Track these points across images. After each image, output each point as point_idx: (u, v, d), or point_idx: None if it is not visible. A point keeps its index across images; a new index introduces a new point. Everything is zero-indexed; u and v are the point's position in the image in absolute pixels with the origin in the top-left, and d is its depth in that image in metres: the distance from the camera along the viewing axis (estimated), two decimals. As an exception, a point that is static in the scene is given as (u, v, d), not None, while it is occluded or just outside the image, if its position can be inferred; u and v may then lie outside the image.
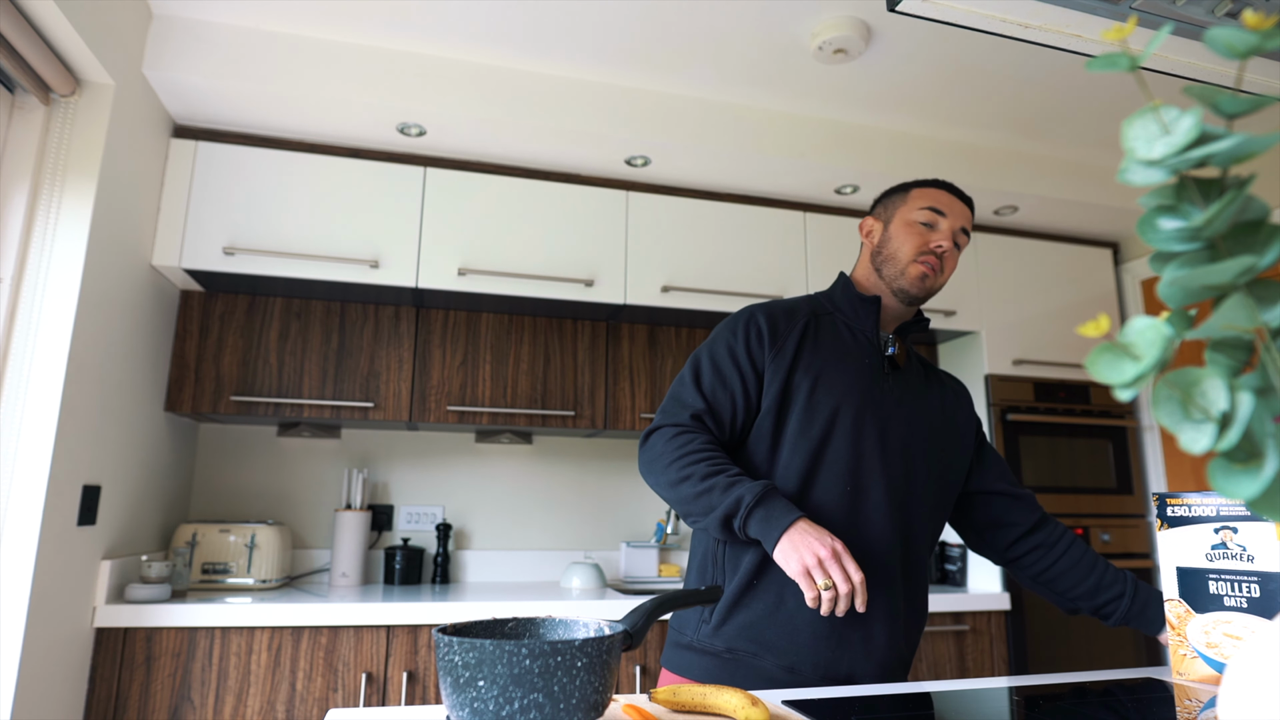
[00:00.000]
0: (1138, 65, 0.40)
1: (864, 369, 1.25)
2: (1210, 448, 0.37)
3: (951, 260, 1.29)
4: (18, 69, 1.57)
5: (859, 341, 1.28)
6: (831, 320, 1.30)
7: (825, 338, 1.27)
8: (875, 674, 1.19)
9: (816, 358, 1.24)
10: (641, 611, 0.83)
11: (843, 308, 1.31)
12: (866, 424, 1.22)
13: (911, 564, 1.24)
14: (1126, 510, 2.74)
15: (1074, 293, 2.89)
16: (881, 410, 1.24)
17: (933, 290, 1.29)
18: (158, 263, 2.09)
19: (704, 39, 2.07)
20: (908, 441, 1.25)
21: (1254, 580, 1.04)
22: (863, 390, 1.23)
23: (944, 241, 1.26)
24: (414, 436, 2.67)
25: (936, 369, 1.41)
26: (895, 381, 1.28)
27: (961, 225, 1.29)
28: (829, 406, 1.21)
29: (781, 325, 1.25)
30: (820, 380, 1.22)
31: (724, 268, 2.51)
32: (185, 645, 1.85)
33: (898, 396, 1.27)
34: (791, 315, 1.27)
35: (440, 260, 2.28)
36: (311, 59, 2.06)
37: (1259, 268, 0.37)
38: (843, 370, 1.24)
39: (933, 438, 1.29)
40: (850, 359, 1.25)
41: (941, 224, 1.28)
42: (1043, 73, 2.21)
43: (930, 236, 1.27)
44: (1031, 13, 1.33)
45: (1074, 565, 1.30)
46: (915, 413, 1.28)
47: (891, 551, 1.20)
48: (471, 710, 0.67)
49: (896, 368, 1.30)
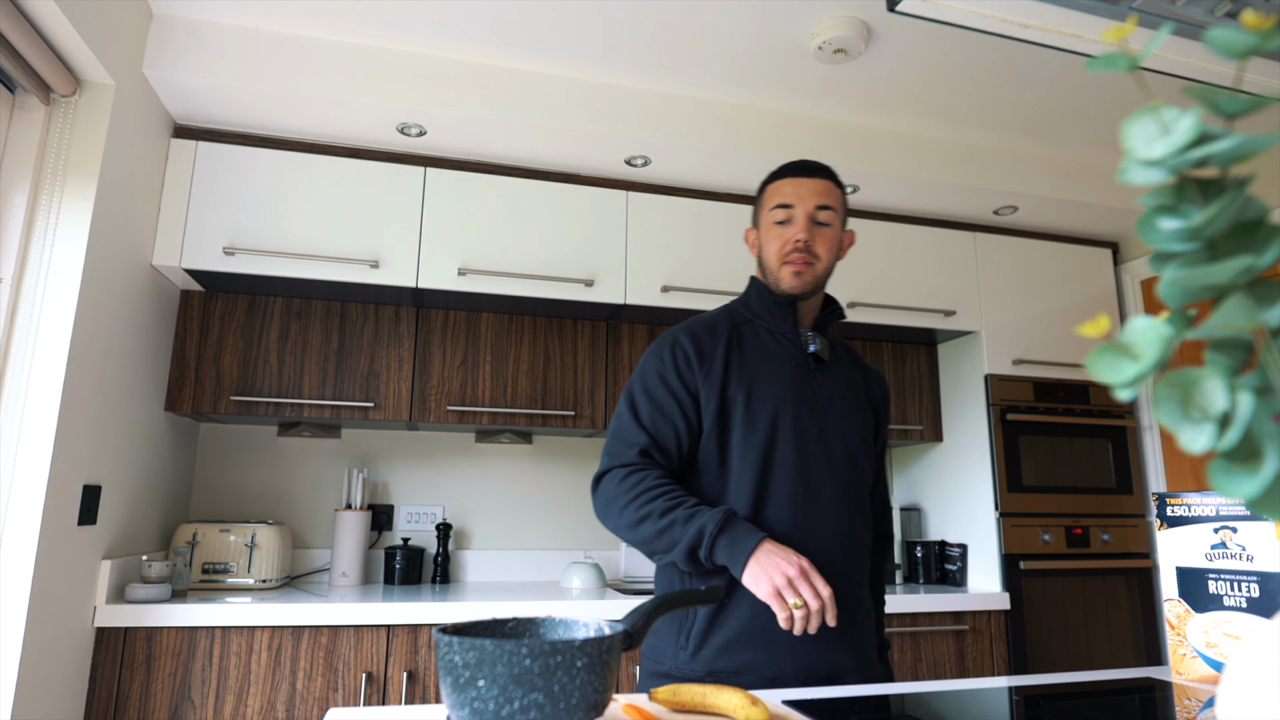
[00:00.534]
0: (1137, 65, 0.40)
1: (793, 370, 1.26)
2: (1210, 447, 0.37)
3: (822, 242, 1.26)
4: (18, 69, 1.57)
5: (782, 344, 1.28)
6: (752, 327, 1.30)
7: (750, 346, 1.27)
8: (855, 666, 1.20)
9: (746, 367, 1.24)
10: (641, 611, 0.83)
11: (761, 313, 1.31)
12: (806, 423, 1.23)
13: (862, 551, 1.27)
14: (1126, 510, 2.74)
15: (1074, 293, 2.89)
16: (817, 407, 1.25)
17: (818, 281, 1.27)
18: (158, 263, 2.09)
19: (704, 39, 2.07)
20: (846, 434, 1.26)
21: (1253, 580, 1.04)
22: (796, 391, 1.24)
23: (799, 235, 1.24)
24: (414, 436, 2.67)
25: (861, 358, 1.42)
26: (825, 377, 1.29)
27: (817, 204, 1.25)
28: (768, 413, 1.21)
29: (706, 343, 1.25)
30: (754, 389, 1.23)
31: (724, 268, 2.51)
32: (185, 645, 1.85)
33: (830, 393, 1.28)
34: (713, 331, 1.27)
35: (440, 260, 2.28)
36: (311, 59, 2.06)
37: (1258, 267, 0.37)
38: (773, 375, 1.25)
39: (863, 430, 1.31)
40: (778, 363, 1.26)
41: (794, 214, 1.26)
42: (1043, 73, 2.21)
43: (787, 233, 1.26)
44: (1031, 13, 1.33)
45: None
46: (849, 404, 1.29)
47: (849, 543, 1.22)
48: (471, 710, 0.67)
49: (823, 362, 1.30)
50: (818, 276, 1.26)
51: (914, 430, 2.83)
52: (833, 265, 1.29)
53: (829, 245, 1.27)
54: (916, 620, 2.35)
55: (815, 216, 1.25)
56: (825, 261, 1.26)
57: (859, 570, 1.24)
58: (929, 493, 2.94)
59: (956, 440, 2.80)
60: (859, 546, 1.24)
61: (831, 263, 1.28)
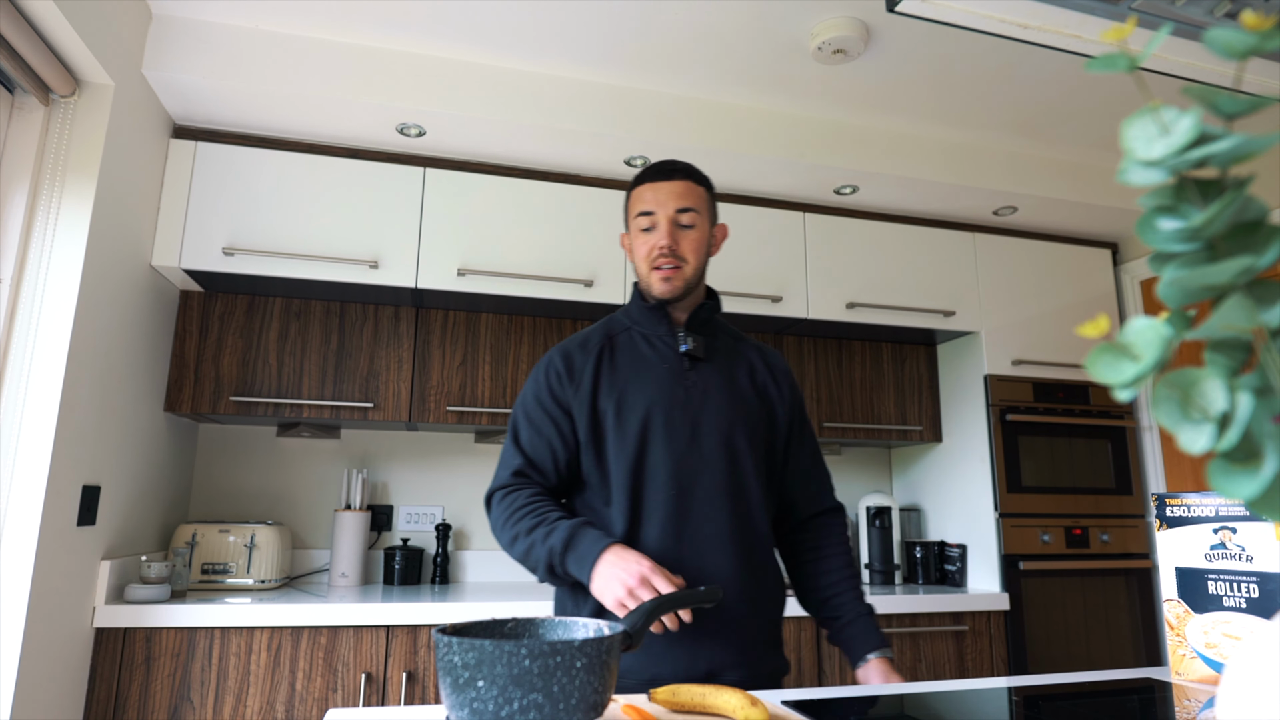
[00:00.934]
0: (1137, 65, 0.40)
1: (666, 373, 1.27)
2: (1209, 448, 0.37)
3: (687, 245, 1.27)
4: (17, 69, 1.57)
5: (657, 348, 1.30)
6: (629, 336, 1.32)
7: (623, 357, 1.29)
8: (737, 662, 1.20)
9: (617, 379, 1.26)
10: (641, 611, 0.83)
11: (638, 319, 1.33)
12: (678, 426, 1.24)
13: (754, 544, 1.26)
14: (1125, 510, 2.74)
15: (1073, 293, 2.89)
16: (690, 408, 1.25)
17: (688, 283, 1.28)
18: (157, 263, 2.09)
19: (703, 39, 2.07)
20: (725, 429, 1.26)
21: (1253, 580, 1.04)
22: (667, 394, 1.25)
23: (661, 241, 1.26)
24: (413, 436, 2.67)
25: (754, 345, 1.40)
26: (700, 374, 1.29)
27: (677, 208, 1.27)
28: (637, 420, 1.23)
29: (577, 360, 1.29)
30: (625, 398, 1.25)
31: (724, 268, 2.51)
32: (185, 645, 1.85)
33: (704, 389, 1.28)
34: (585, 346, 1.30)
35: (440, 260, 2.28)
36: (311, 59, 2.06)
37: (1258, 268, 0.37)
38: (645, 382, 1.26)
39: (750, 418, 1.29)
40: (651, 368, 1.28)
41: (657, 220, 1.27)
42: (1042, 73, 2.21)
43: (651, 240, 1.27)
44: (1031, 13, 1.33)
45: (818, 575, 1.34)
46: (729, 398, 1.29)
47: (730, 539, 1.22)
48: (471, 710, 0.67)
49: (700, 359, 1.30)
50: (687, 280, 1.28)
51: (914, 430, 2.83)
52: (703, 264, 1.31)
53: (695, 246, 1.28)
54: (916, 620, 2.35)
55: (677, 220, 1.27)
56: (693, 263, 1.28)
57: (744, 565, 1.23)
58: (928, 493, 2.94)
59: (956, 441, 2.81)
60: (743, 541, 1.24)
61: (701, 262, 1.30)
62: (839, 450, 3.05)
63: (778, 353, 1.41)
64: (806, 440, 1.39)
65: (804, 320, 2.60)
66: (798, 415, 1.38)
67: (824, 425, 2.71)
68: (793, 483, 1.37)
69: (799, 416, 1.38)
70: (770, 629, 1.26)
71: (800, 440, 1.38)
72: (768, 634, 1.26)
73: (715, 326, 1.36)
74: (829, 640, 1.32)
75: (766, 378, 1.35)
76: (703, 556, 1.20)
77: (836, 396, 2.77)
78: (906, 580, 2.83)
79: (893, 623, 2.32)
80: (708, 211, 1.31)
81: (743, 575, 1.22)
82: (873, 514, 2.81)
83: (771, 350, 1.41)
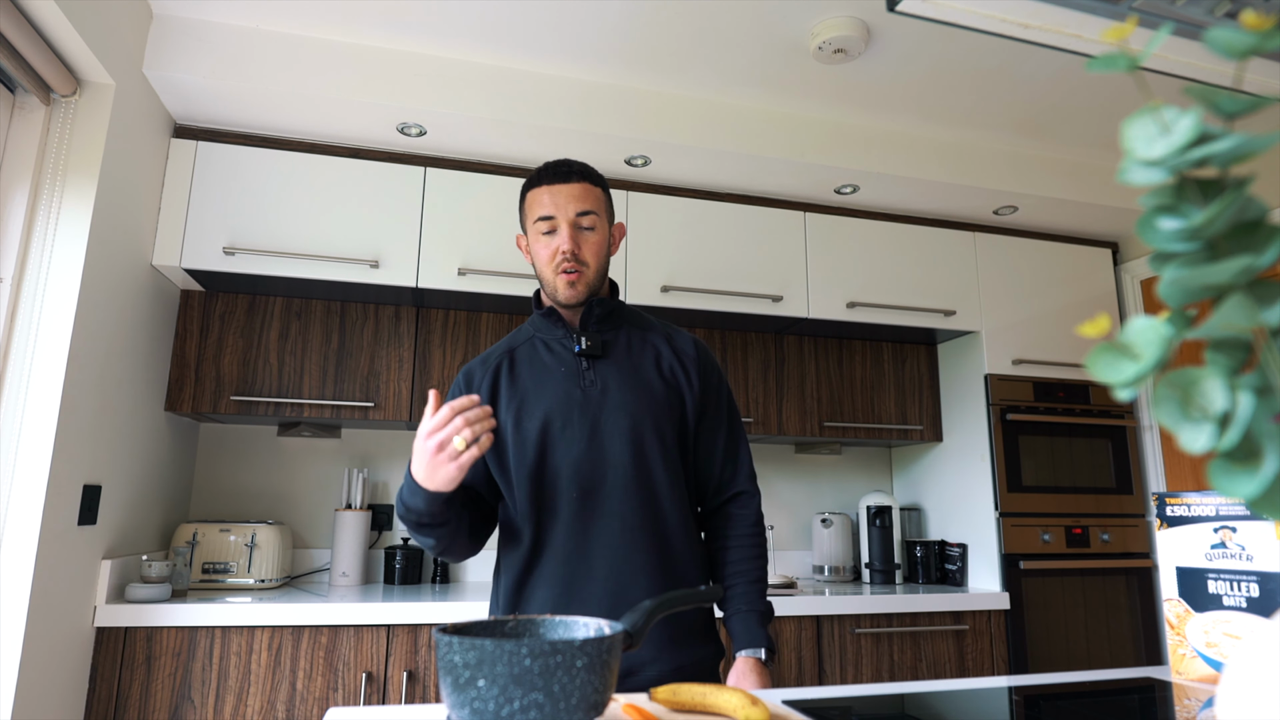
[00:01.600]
0: (1137, 65, 0.40)
1: (563, 376, 1.27)
2: (1210, 447, 0.38)
3: (588, 248, 1.28)
4: (18, 69, 1.57)
5: (556, 352, 1.30)
6: (531, 345, 1.33)
7: (523, 367, 1.30)
8: (655, 656, 1.20)
9: (515, 390, 1.28)
10: (641, 611, 0.83)
11: (540, 327, 1.33)
12: (576, 428, 1.24)
13: (667, 535, 1.25)
14: (1126, 510, 2.74)
15: (1073, 293, 2.89)
16: (589, 407, 1.25)
17: (591, 286, 1.28)
18: (158, 263, 2.09)
19: (704, 39, 2.07)
20: (628, 423, 1.25)
21: (1253, 579, 1.04)
22: (564, 398, 1.26)
23: (563, 244, 1.26)
24: (414, 436, 2.67)
25: (664, 332, 1.38)
26: (599, 372, 1.28)
27: (577, 211, 1.27)
28: (535, 428, 1.24)
29: (476, 375, 1.31)
30: (523, 408, 1.26)
31: (724, 268, 2.51)
32: (185, 645, 1.85)
33: (603, 386, 1.27)
34: (486, 361, 1.32)
35: (440, 260, 2.28)
36: (311, 59, 2.06)
37: (1258, 267, 0.37)
38: (543, 388, 1.27)
39: (656, 407, 1.28)
40: (549, 373, 1.28)
41: (558, 225, 1.27)
42: (1043, 73, 2.21)
43: (553, 244, 1.27)
44: (1031, 13, 1.33)
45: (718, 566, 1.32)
46: (631, 391, 1.28)
47: (640, 533, 1.22)
48: (471, 710, 0.68)
49: (599, 356, 1.30)
50: (589, 283, 1.28)
51: (914, 430, 2.83)
52: (605, 265, 1.31)
53: (595, 249, 1.29)
54: (916, 620, 2.35)
55: (578, 224, 1.27)
56: (594, 266, 1.29)
57: (656, 558, 1.22)
58: (929, 493, 2.94)
59: (956, 440, 2.81)
60: (655, 533, 1.23)
61: (602, 264, 1.30)
62: (839, 450, 3.05)
63: (689, 337, 1.38)
64: (720, 424, 1.35)
65: (804, 320, 2.60)
66: (711, 399, 1.35)
67: (824, 425, 2.72)
68: (702, 467, 1.34)
69: (712, 400, 1.35)
70: (690, 618, 1.24)
71: (712, 424, 1.34)
72: (688, 625, 1.24)
73: (620, 319, 1.35)
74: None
75: (674, 363, 1.33)
76: (613, 552, 1.21)
77: (837, 396, 2.77)
78: (907, 579, 2.83)
79: (893, 622, 2.32)
80: (606, 212, 1.32)
81: (655, 568, 1.22)
82: (873, 513, 2.81)
83: (682, 335, 1.38)
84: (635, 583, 1.20)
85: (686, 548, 1.26)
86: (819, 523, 2.83)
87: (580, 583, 1.20)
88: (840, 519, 2.82)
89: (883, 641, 2.31)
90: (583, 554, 1.21)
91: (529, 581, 1.23)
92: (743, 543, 1.31)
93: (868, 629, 2.29)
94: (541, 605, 1.21)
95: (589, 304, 1.30)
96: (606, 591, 1.19)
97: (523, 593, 1.24)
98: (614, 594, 1.19)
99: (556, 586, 1.21)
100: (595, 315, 1.30)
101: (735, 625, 1.25)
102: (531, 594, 1.23)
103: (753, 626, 1.23)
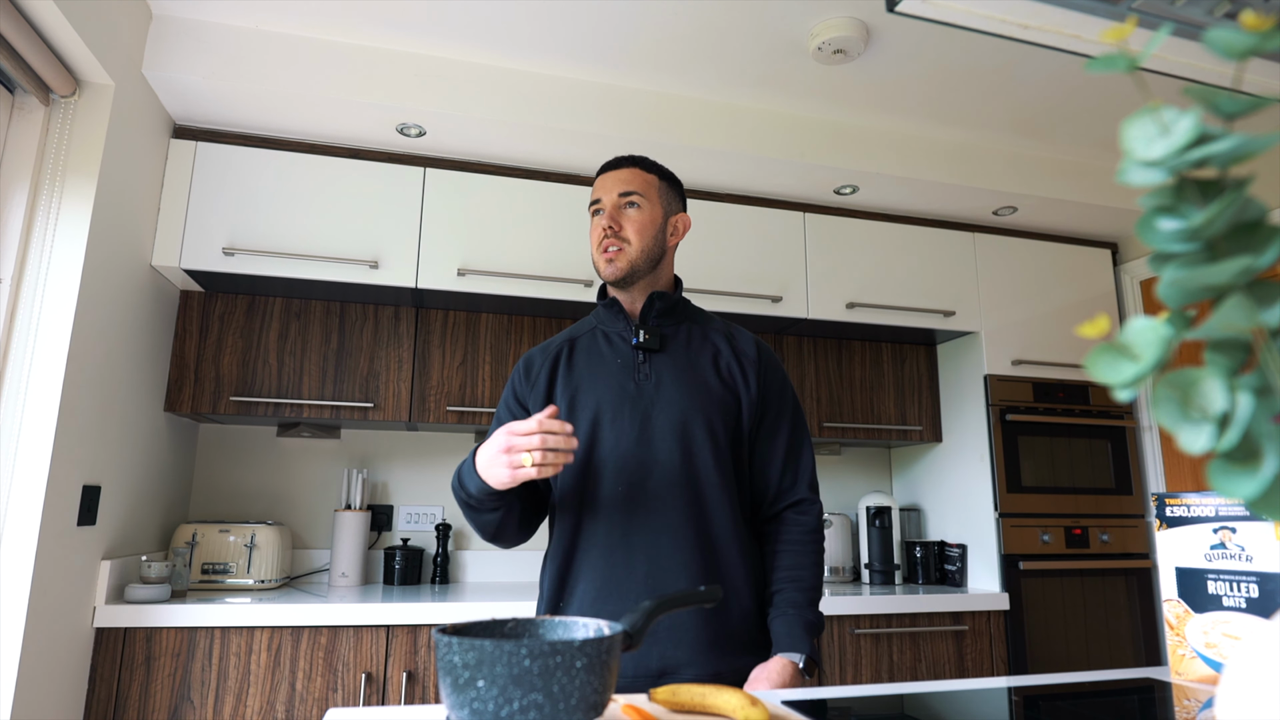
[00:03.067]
0: (1137, 66, 0.40)
1: (619, 369, 1.28)
2: (1209, 448, 0.37)
3: (630, 224, 1.29)
4: (18, 69, 1.57)
5: (615, 344, 1.31)
6: (592, 336, 1.34)
7: (581, 357, 1.32)
8: (691, 660, 1.17)
9: (572, 379, 1.29)
10: (641, 611, 0.83)
11: (603, 319, 1.35)
12: (627, 420, 1.24)
13: (713, 536, 1.23)
14: (1125, 510, 2.74)
15: (1073, 293, 2.89)
16: (642, 401, 1.25)
17: (633, 264, 1.28)
18: (157, 263, 2.09)
19: (703, 39, 2.07)
20: (679, 419, 1.24)
21: (1253, 580, 1.04)
22: (618, 389, 1.26)
23: (605, 222, 1.28)
24: (413, 436, 2.67)
25: (725, 331, 1.36)
26: (655, 366, 1.28)
27: (620, 190, 1.30)
28: (587, 419, 1.25)
29: (536, 361, 1.34)
30: (577, 396, 1.27)
31: (724, 268, 2.51)
32: (185, 645, 1.85)
33: (658, 380, 1.27)
34: (546, 349, 1.35)
35: (440, 260, 2.28)
36: (311, 59, 2.06)
37: (1257, 268, 0.37)
38: (597, 378, 1.28)
39: (709, 406, 1.27)
40: (605, 365, 1.29)
41: (603, 206, 1.30)
42: (1042, 73, 2.21)
43: (598, 224, 1.30)
44: (1031, 13, 1.33)
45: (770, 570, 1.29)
46: (686, 387, 1.27)
47: (684, 531, 1.21)
48: (471, 710, 0.67)
49: (656, 351, 1.29)
50: (632, 260, 1.28)
51: (914, 430, 2.83)
52: (651, 247, 1.29)
53: (638, 226, 1.29)
54: (916, 620, 2.35)
55: (620, 203, 1.30)
56: (638, 244, 1.28)
57: (699, 558, 1.20)
58: (928, 493, 2.94)
59: (956, 441, 2.81)
60: (700, 533, 1.21)
61: (648, 245, 1.29)
62: (839, 450, 3.05)
63: (752, 338, 1.36)
64: (781, 430, 1.32)
65: (804, 320, 2.60)
66: (773, 401, 1.33)
67: (824, 425, 2.71)
68: (759, 472, 1.31)
69: (774, 404, 1.33)
70: (733, 625, 1.21)
71: (773, 428, 1.32)
72: (729, 630, 1.20)
73: (683, 315, 1.35)
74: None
75: (733, 363, 1.31)
76: (655, 548, 1.19)
77: (836, 396, 2.77)
78: (906, 580, 2.83)
79: (893, 622, 2.32)
80: (658, 197, 1.32)
81: (698, 567, 1.20)
82: (873, 514, 2.81)
83: (743, 334, 1.36)
84: (676, 580, 1.18)
85: (733, 549, 1.23)
86: (819, 523, 2.83)
87: (620, 577, 1.19)
88: (840, 519, 2.82)
89: (882, 642, 2.31)
90: (625, 548, 1.20)
91: (571, 573, 1.23)
92: (798, 549, 1.27)
93: (867, 629, 2.29)
94: (583, 597, 1.20)
95: (650, 297, 1.30)
96: (647, 588, 1.18)
97: (566, 583, 1.23)
98: (654, 590, 1.18)
99: (597, 580, 1.20)
100: (656, 309, 1.30)
101: (778, 627, 1.20)
102: (574, 585, 1.22)
103: (797, 630, 1.19)
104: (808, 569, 1.26)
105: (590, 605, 1.19)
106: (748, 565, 1.25)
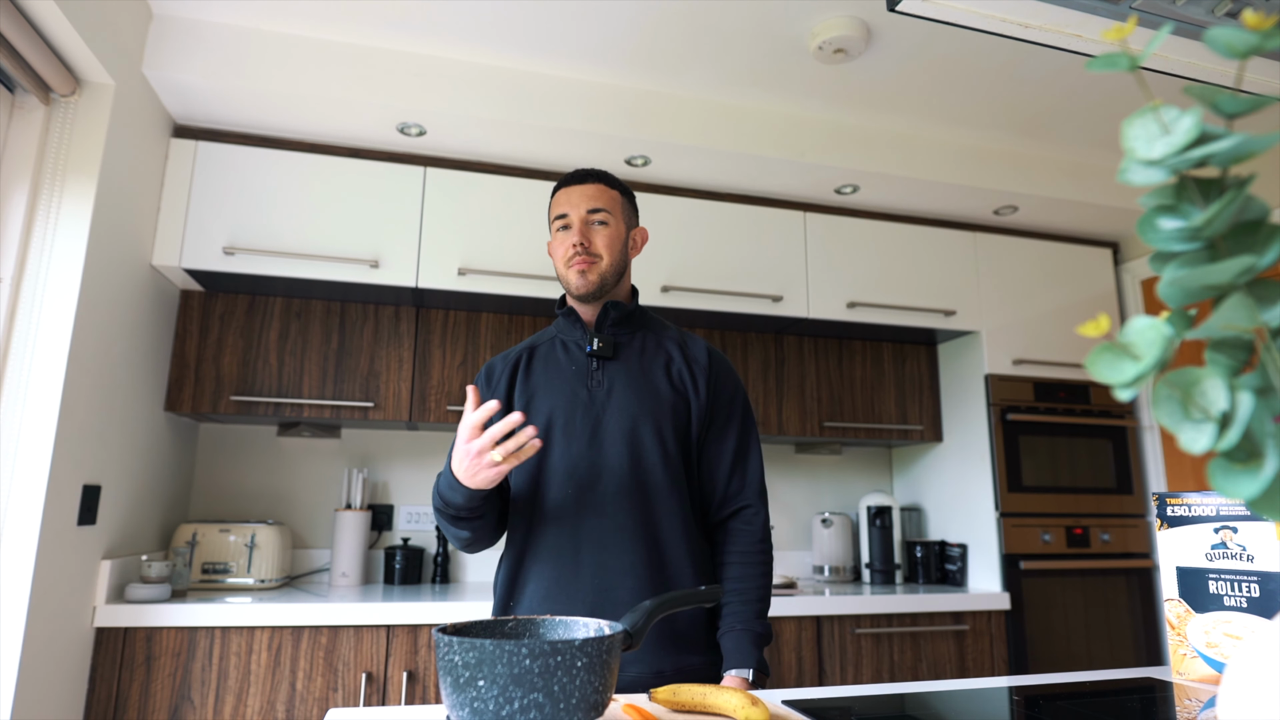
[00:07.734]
0: (1137, 65, 0.40)
1: (572, 376, 1.31)
2: (1210, 447, 0.37)
3: (600, 240, 1.31)
4: (18, 69, 1.57)
5: (571, 351, 1.34)
6: (550, 345, 1.37)
7: (539, 364, 1.35)
8: (636, 656, 1.20)
9: (529, 385, 1.33)
10: (642, 611, 0.83)
11: (562, 328, 1.37)
12: (578, 427, 1.27)
13: (661, 540, 1.25)
14: (1126, 510, 2.74)
15: (1074, 293, 2.89)
16: (594, 407, 1.28)
17: (604, 278, 1.31)
18: (158, 263, 2.09)
19: (704, 39, 2.07)
20: (629, 425, 1.27)
21: (1254, 580, 1.04)
22: (571, 395, 1.29)
23: (574, 239, 1.30)
24: (414, 436, 2.67)
25: (679, 338, 1.38)
26: (608, 373, 1.31)
27: (589, 209, 1.32)
28: (540, 424, 1.29)
29: (496, 371, 1.36)
30: (532, 402, 1.31)
31: (724, 268, 2.51)
32: (185, 645, 1.85)
33: (610, 387, 1.30)
34: (507, 357, 1.38)
35: (440, 260, 2.28)
36: (311, 59, 2.06)
37: (1259, 267, 0.37)
38: (552, 385, 1.31)
39: (659, 412, 1.29)
40: (560, 372, 1.32)
41: (571, 221, 1.32)
42: (1042, 73, 2.21)
43: (567, 240, 1.32)
44: (1031, 13, 1.33)
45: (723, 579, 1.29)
46: (637, 394, 1.29)
47: (633, 534, 1.23)
48: (471, 710, 0.67)
49: (609, 358, 1.32)
50: (603, 274, 1.31)
51: (914, 430, 2.83)
52: (619, 261, 1.33)
53: (608, 242, 1.32)
54: (916, 620, 2.35)
55: (589, 220, 1.32)
56: (607, 259, 1.32)
57: (647, 561, 1.22)
58: (929, 493, 2.94)
59: (956, 440, 2.80)
60: (648, 536, 1.24)
61: (615, 259, 1.33)
62: (839, 450, 3.05)
63: (705, 345, 1.38)
64: (729, 435, 1.34)
65: (805, 320, 2.60)
66: (722, 406, 1.34)
67: (824, 425, 2.71)
68: (707, 477, 1.33)
69: (722, 410, 1.34)
70: (681, 625, 1.23)
71: (721, 432, 1.33)
72: (676, 630, 1.22)
73: (638, 324, 1.37)
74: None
75: (684, 369, 1.33)
76: (604, 551, 1.22)
77: (837, 396, 2.77)
78: (907, 580, 2.83)
79: (893, 622, 2.32)
80: (622, 214, 1.35)
81: (645, 570, 1.22)
82: (873, 514, 2.81)
83: (697, 343, 1.38)
84: (622, 583, 1.21)
85: (682, 552, 1.26)
86: (819, 523, 2.83)
87: (568, 578, 1.22)
88: (840, 519, 2.82)
89: (883, 642, 2.31)
90: (574, 550, 1.23)
91: (521, 574, 1.26)
92: (744, 559, 1.29)
93: (868, 629, 2.29)
94: (531, 599, 1.23)
95: (604, 306, 1.32)
96: (593, 589, 1.20)
97: (516, 584, 1.27)
98: (600, 591, 1.20)
99: (546, 581, 1.23)
100: (611, 317, 1.33)
101: (726, 643, 1.23)
102: (524, 586, 1.25)
103: (744, 646, 1.22)
104: (754, 579, 1.29)
105: (539, 605, 1.22)
106: (696, 567, 1.27)
